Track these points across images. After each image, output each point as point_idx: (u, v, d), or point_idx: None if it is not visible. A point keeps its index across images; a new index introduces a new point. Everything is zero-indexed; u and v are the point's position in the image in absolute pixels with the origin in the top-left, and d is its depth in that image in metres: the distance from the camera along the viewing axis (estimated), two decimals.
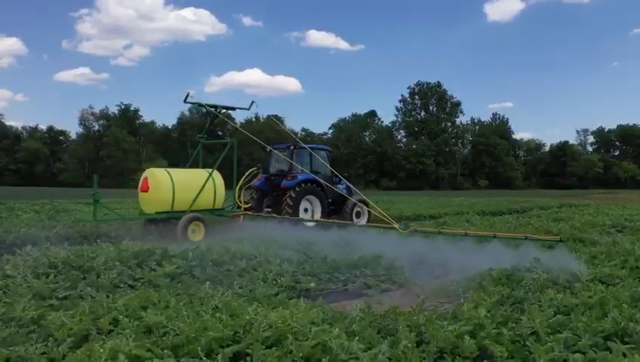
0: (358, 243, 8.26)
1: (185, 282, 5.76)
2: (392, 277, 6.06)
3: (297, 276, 5.79)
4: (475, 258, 6.91)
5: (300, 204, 12.88)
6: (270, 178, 13.96)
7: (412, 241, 8.82)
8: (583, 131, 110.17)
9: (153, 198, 11.11)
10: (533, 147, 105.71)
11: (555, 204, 26.27)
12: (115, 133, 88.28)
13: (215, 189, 11.86)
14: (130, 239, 8.41)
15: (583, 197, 44.09)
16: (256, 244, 7.95)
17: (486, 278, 5.43)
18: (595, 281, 5.38)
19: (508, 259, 6.50)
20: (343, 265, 6.30)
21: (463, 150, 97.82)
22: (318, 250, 7.46)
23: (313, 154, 14.16)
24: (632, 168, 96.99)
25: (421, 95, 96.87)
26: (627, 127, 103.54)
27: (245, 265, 6.44)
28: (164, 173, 11.45)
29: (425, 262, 7.25)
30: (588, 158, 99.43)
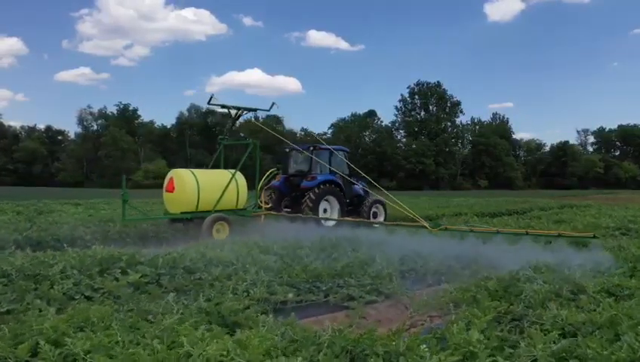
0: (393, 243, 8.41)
1: (150, 292, 5.23)
2: (378, 287, 5.50)
3: (273, 286, 5.24)
4: (506, 257, 7.08)
5: (319, 205, 13.01)
6: (289, 178, 14.08)
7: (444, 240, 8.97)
8: (584, 131, 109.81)
9: (178, 199, 11.27)
10: (534, 147, 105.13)
11: (555, 205, 25.72)
12: (114, 132, 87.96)
13: (238, 190, 12.00)
14: (100, 243, 7.92)
15: (584, 197, 43.54)
16: (236, 249, 7.41)
17: (481, 290, 4.87)
18: (602, 293, 4.84)
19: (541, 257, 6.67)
20: (326, 273, 5.75)
21: (463, 150, 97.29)
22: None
23: (334, 153, 14.24)
24: (632, 168, 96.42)
25: (421, 95, 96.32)
26: (628, 127, 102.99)
27: (220, 272, 5.89)
28: (189, 174, 11.57)
29: (457, 260, 7.26)
30: (588, 158, 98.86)
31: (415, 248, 7.78)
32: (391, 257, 7.21)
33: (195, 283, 5.60)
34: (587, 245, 8.34)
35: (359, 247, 8.01)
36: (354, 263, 6.58)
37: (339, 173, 13.84)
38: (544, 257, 6.62)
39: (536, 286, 4.78)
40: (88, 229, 9.87)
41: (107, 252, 6.19)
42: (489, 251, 7.81)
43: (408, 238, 9.33)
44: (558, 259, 6.44)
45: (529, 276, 5.29)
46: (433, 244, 8.37)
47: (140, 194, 39.89)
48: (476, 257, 7.34)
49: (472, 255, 7.49)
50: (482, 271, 6.59)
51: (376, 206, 14.54)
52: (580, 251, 7.71)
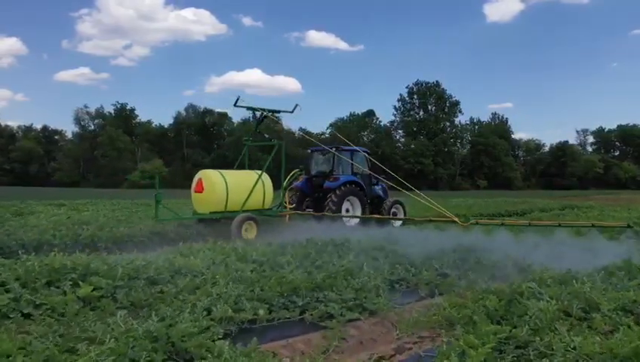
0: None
1: (102, 308, 4.58)
2: (362, 302, 4.84)
3: (241, 301, 4.58)
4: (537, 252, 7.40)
5: (342, 205, 13.22)
6: (311, 179, 14.31)
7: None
8: (583, 131, 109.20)
9: (208, 199, 11.51)
10: (533, 147, 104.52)
11: (556, 206, 25.11)
12: (110, 132, 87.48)
13: (264, 190, 12.24)
14: (69, 249, 7.27)
15: (585, 197, 42.90)
16: (211, 256, 6.75)
17: (479, 309, 4.21)
18: (618, 311, 4.19)
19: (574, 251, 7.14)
20: (304, 285, 5.08)
21: (462, 150, 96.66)
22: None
23: (360, 152, 14.58)
24: (632, 169, 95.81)
25: (420, 94, 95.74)
26: (627, 128, 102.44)
27: (186, 284, 5.24)
28: (217, 175, 11.79)
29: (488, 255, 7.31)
30: (588, 159, 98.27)
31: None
32: (380, 265, 6.57)
33: (155, 296, 4.94)
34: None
35: (348, 253, 7.37)
36: (338, 273, 5.92)
37: (360, 174, 14.19)
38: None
39: (542, 303, 4.12)
40: (59, 233, 9.20)
41: (59, 260, 5.52)
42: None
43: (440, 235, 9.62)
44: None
45: (533, 290, 4.63)
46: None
47: (136, 195, 39.42)
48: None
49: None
50: (479, 280, 5.98)
51: (396, 206, 14.93)
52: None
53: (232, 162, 62.88)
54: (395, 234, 10.20)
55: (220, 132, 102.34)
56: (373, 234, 9.79)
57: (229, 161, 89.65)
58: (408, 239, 8.87)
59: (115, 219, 12.47)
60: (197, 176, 12.07)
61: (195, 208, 11.93)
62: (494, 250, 7.75)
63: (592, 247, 7.88)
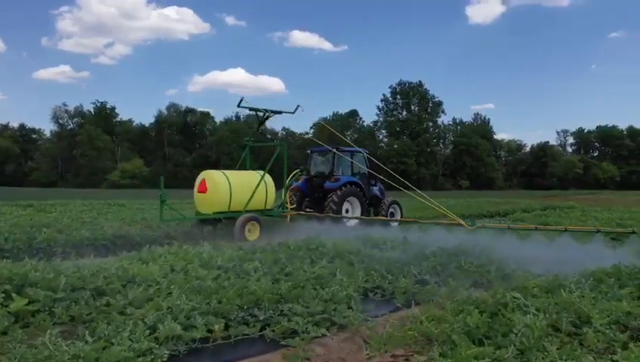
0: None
1: (37, 325, 4.04)
2: (332, 316, 4.36)
3: (194, 316, 4.06)
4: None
5: (343, 205, 13.30)
6: (310, 179, 14.33)
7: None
8: (563, 132, 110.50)
9: (211, 199, 11.50)
10: (514, 147, 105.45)
11: (538, 206, 25.01)
12: (89, 131, 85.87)
13: (267, 190, 12.28)
14: (21, 255, 6.66)
15: (565, 198, 43.15)
16: (172, 262, 6.21)
17: (458, 328, 3.74)
18: (612, 325, 3.79)
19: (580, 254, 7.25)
20: (268, 296, 4.57)
21: (445, 150, 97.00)
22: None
23: (359, 153, 14.69)
24: (611, 169, 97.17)
25: (403, 94, 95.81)
26: (606, 128, 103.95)
27: (137, 295, 4.71)
28: (221, 175, 11.79)
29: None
30: (568, 159, 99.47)
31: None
32: (355, 271, 6.10)
33: (100, 310, 4.41)
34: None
35: (321, 258, 6.89)
36: (308, 281, 5.45)
37: (359, 174, 14.34)
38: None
39: (528, 318, 3.69)
40: (12, 236, 8.56)
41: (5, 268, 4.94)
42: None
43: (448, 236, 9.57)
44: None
45: (518, 301, 4.20)
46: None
47: (114, 195, 38.46)
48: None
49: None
50: (460, 288, 5.55)
51: (393, 206, 15.06)
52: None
53: (214, 162, 62.47)
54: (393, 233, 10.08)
55: (202, 131, 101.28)
56: (373, 233, 9.55)
57: (210, 160, 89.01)
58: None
59: (80, 220, 11.81)
60: (200, 176, 11.97)
61: (198, 208, 11.92)
62: (477, 253, 7.38)
63: (564, 249, 8.03)
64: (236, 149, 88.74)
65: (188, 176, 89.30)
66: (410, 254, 7.37)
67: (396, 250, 7.78)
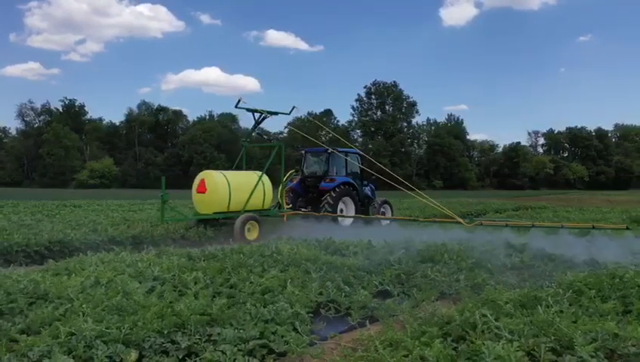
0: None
1: None
2: (269, 341, 3.65)
3: (96, 346, 3.30)
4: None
5: (337, 205, 13.46)
6: (304, 180, 14.50)
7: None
8: (534, 133, 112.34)
9: (211, 199, 11.53)
10: (487, 148, 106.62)
11: (510, 206, 24.83)
12: (57, 129, 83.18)
13: (264, 190, 12.37)
14: None
15: (537, 198, 43.45)
16: (100, 273, 5.40)
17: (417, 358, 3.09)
18: (597, 351, 3.18)
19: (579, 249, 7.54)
20: (195, 319, 3.83)
21: (419, 150, 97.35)
22: None
23: (353, 154, 15.01)
24: (580, 169, 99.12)
25: (377, 94, 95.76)
26: (575, 130, 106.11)
27: (36, 317, 3.91)
28: (220, 176, 11.83)
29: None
30: (539, 159, 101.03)
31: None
32: (309, 282, 5.41)
33: None
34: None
35: (274, 266, 6.19)
36: (253, 294, 4.74)
37: (352, 175, 14.55)
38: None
39: (500, 345, 3.05)
40: None
41: None
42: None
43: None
44: None
45: (489, 323, 3.57)
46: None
47: (79, 195, 36.90)
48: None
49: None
50: (425, 301, 4.92)
51: (384, 206, 15.38)
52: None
53: (186, 161, 61.20)
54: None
55: (174, 130, 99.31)
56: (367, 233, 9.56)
57: (183, 160, 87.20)
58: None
59: (20, 223, 10.83)
60: (199, 176, 12.00)
61: (197, 209, 11.92)
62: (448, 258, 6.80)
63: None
64: (209, 148, 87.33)
65: (160, 175, 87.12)
66: (374, 261, 6.72)
67: (359, 257, 7.12)
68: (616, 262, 6.66)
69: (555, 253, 7.32)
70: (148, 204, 22.01)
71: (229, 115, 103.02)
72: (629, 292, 4.64)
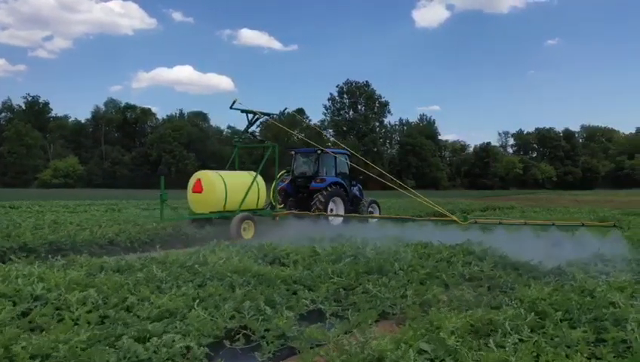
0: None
1: None
2: None
3: None
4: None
5: (328, 205, 13.68)
6: (295, 180, 14.67)
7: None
8: (504, 133, 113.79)
9: (207, 199, 11.69)
10: (458, 148, 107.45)
11: (478, 207, 24.34)
12: (18, 127, 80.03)
13: (259, 190, 12.55)
14: None
15: (506, 198, 43.46)
16: None
17: None
18: None
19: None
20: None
21: (391, 150, 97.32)
22: None
23: (342, 155, 15.20)
24: (548, 169, 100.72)
25: (350, 94, 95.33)
26: (544, 130, 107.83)
27: None
28: (217, 176, 11.97)
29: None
30: (509, 159, 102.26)
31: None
32: (225, 301, 4.46)
33: None
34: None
35: (191, 280, 5.22)
36: (147, 319, 3.78)
37: (342, 175, 14.80)
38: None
39: None
40: None
41: None
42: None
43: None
44: None
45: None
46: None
47: (37, 195, 34.97)
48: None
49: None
50: (362, 324, 4.03)
51: (372, 206, 15.57)
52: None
53: (155, 160, 59.75)
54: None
55: (142, 129, 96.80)
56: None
57: (151, 159, 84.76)
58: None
59: None
60: (195, 176, 12.14)
61: (193, 208, 12.00)
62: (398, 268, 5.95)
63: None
64: (178, 147, 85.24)
65: (127, 174, 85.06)
66: (315, 272, 5.81)
67: (299, 267, 6.20)
68: (585, 271, 5.93)
69: (519, 261, 6.56)
70: (99, 204, 20.68)
71: (199, 114, 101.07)
72: (601, 313, 3.85)
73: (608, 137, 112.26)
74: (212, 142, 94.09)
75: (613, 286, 4.82)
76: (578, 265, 6.32)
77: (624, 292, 4.63)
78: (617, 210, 20.76)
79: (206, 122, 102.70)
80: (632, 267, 6.31)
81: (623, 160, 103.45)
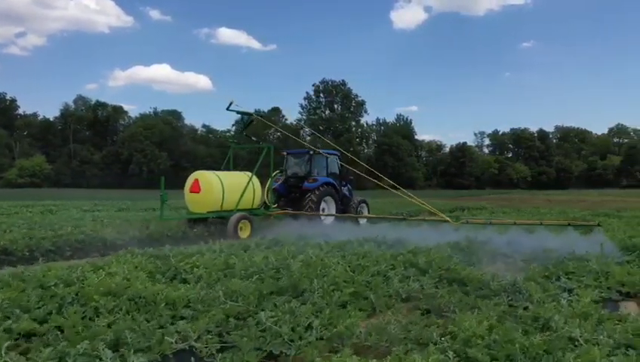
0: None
1: None
2: None
3: None
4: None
5: (320, 204, 13.94)
6: (287, 180, 14.85)
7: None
8: (480, 134, 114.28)
9: (205, 199, 11.87)
10: (435, 148, 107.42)
11: (447, 207, 23.44)
12: None
13: (254, 190, 12.80)
14: None
15: (479, 198, 42.95)
16: None
17: None
18: None
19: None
20: None
21: (368, 150, 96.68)
22: None
23: (333, 156, 15.48)
24: (523, 169, 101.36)
25: (326, 93, 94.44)
26: (519, 131, 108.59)
27: None
28: (214, 176, 12.22)
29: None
30: (484, 159, 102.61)
31: None
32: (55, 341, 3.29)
33: None
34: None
35: (43, 306, 4.04)
36: None
37: (333, 175, 15.03)
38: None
39: None
40: None
41: None
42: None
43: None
44: None
45: None
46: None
47: (13, 195, 32.95)
48: None
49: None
50: None
51: (362, 205, 15.83)
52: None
53: (125, 159, 58.36)
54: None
55: (114, 127, 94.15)
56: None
57: (122, 158, 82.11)
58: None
59: None
60: (192, 176, 12.31)
61: (190, 208, 12.24)
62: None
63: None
64: (150, 146, 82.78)
65: (97, 174, 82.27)
66: (216, 290, 4.67)
67: (201, 283, 5.05)
68: (544, 288, 4.92)
69: (469, 275, 5.52)
70: (40, 206, 19.10)
71: (173, 112, 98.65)
72: (556, 358, 2.80)
73: (581, 138, 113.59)
74: (185, 141, 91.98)
75: (575, 312, 3.80)
76: (537, 280, 5.31)
77: (588, 320, 3.61)
78: (588, 211, 20.14)
79: (180, 121, 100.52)
80: (601, 282, 5.33)
81: (595, 160, 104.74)
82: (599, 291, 5.01)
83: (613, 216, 17.00)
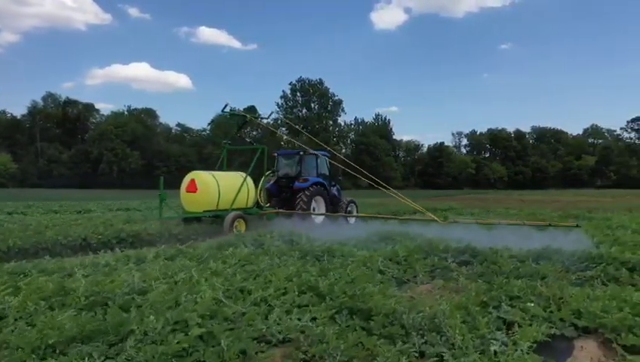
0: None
1: None
2: None
3: None
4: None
5: (311, 203, 14.20)
6: (278, 180, 15.07)
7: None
8: (458, 134, 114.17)
9: (201, 199, 12.29)
10: (412, 147, 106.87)
11: (411, 209, 22.23)
12: None
13: (248, 190, 13.23)
14: None
15: (452, 198, 42.08)
16: None
17: None
18: None
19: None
20: None
21: (345, 150, 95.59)
22: None
23: (322, 156, 15.71)
24: (500, 169, 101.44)
25: (303, 91, 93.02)
26: (496, 131, 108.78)
27: None
28: (210, 176, 12.63)
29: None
30: (462, 159, 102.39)
31: None
32: None
33: None
34: None
35: None
36: None
37: (323, 175, 15.32)
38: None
39: None
40: None
41: None
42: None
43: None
44: None
45: None
46: None
47: None
48: None
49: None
50: None
51: (351, 205, 16.16)
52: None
53: (95, 159, 56.51)
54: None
55: (85, 126, 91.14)
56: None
57: (92, 157, 79.29)
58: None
59: None
60: (188, 176, 12.61)
61: (186, 208, 12.51)
62: None
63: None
64: (120, 144, 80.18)
65: (65, 173, 79.26)
66: None
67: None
68: None
69: (380, 302, 4.17)
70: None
71: (147, 110, 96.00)
72: None
73: (557, 138, 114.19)
74: (158, 140, 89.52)
75: None
76: (470, 308, 3.99)
77: None
78: (559, 212, 19.16)
79: (154, 119, 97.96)
80: (552, 312, 4.03)
81: (570, 160, 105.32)
82: (548, 325, 3.72)
83: (583, 217, 16.03)
